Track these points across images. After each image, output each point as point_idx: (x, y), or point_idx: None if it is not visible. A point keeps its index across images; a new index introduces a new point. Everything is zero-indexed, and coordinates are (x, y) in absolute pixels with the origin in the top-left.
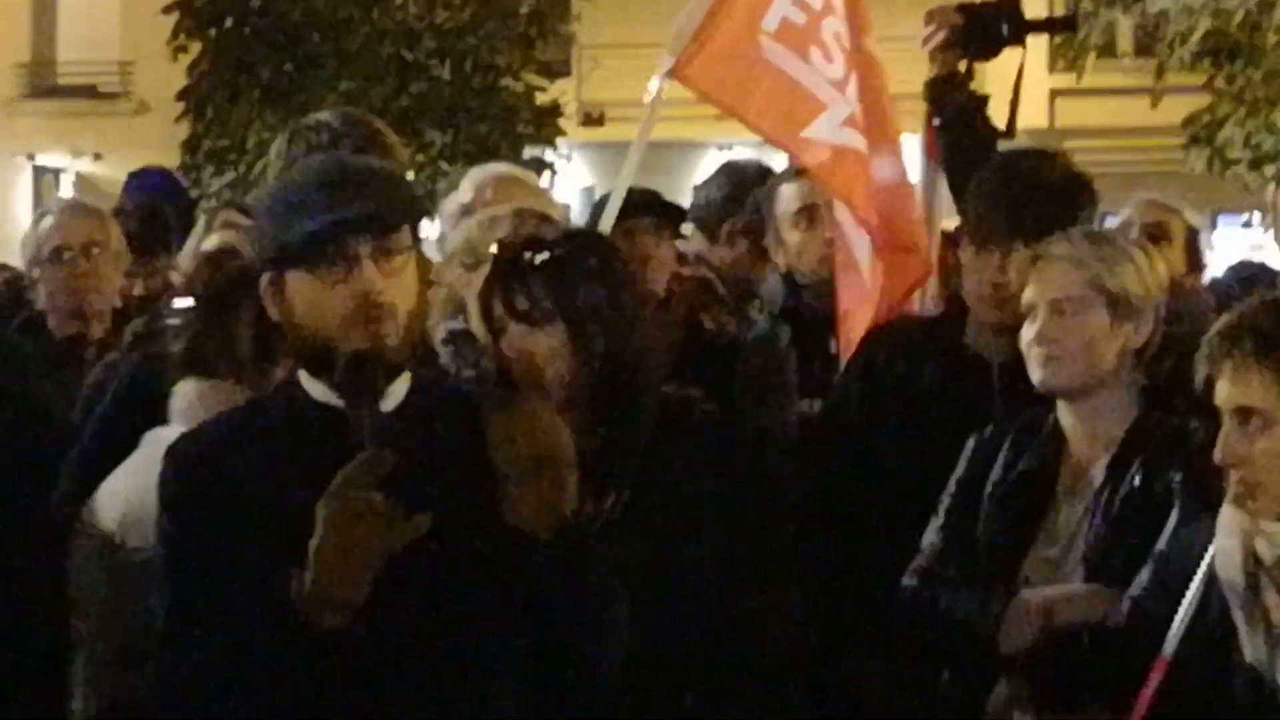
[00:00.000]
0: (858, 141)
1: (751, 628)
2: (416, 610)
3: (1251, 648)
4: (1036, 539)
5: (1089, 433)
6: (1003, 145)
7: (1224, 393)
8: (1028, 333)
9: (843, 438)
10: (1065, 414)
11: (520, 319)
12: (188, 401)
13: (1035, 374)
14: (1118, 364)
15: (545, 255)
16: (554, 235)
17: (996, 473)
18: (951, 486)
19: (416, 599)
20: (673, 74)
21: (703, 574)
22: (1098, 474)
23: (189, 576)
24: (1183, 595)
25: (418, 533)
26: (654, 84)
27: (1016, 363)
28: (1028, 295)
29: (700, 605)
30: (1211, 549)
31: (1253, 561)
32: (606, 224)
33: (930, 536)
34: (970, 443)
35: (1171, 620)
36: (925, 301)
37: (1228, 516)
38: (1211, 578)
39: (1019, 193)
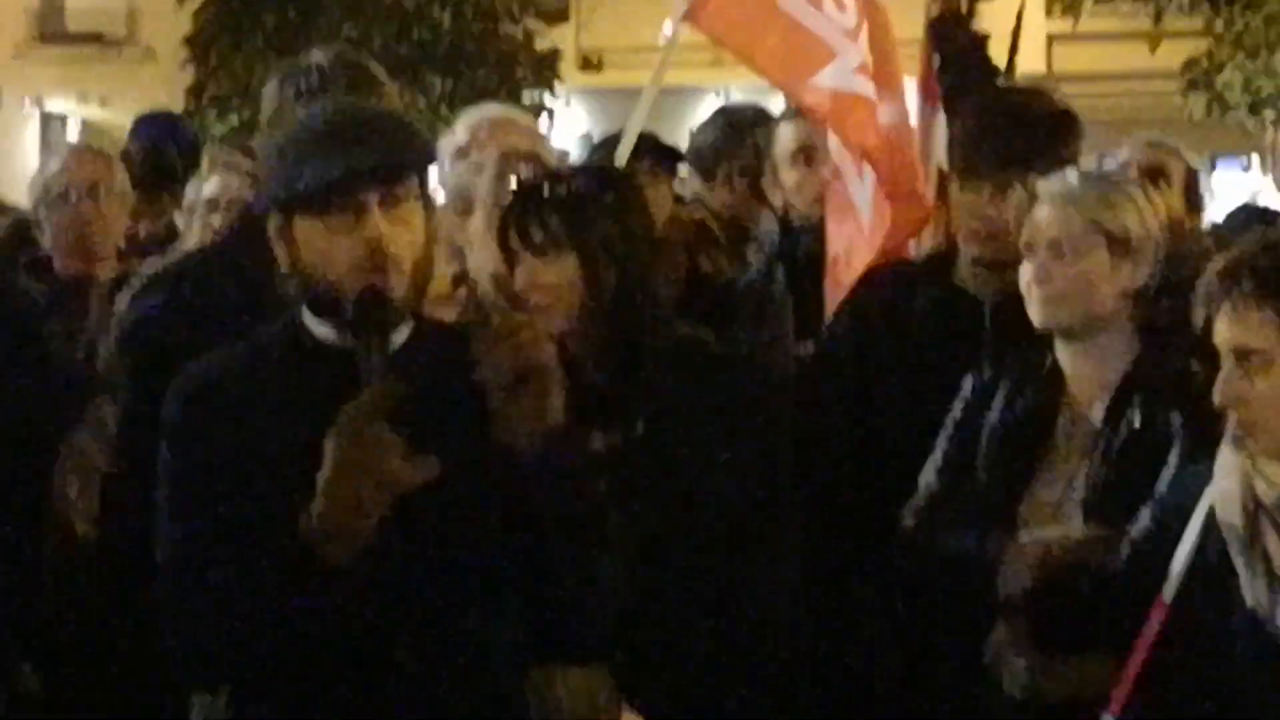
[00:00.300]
0: (867, 88)
1: (752, 564)
2: (419, 546)
3: (1251, 590)
4: (1035, 480)
5: (1088, 373)
6: None
7: (1223, 333)
8: (1026, 272)
9: (835, 377)
10: (1064, 354)
11: (534, 251)
12: None
13: (1034, 314)
14: (1117, 304)
15: (563, 189)
16: (573, 170)
17: (994, 414)
18: (949, 427)
19: (419, 534)
20: (687, 18)
21: (708, 508)
22: (1097, 415)
23: (193, 511)
24: (1182, 537)
25: (427, 476)
26: (668, 27)
27: (1008, 299)
28: (1026, 234)
29: (704, 538)
30: (1210, 491)
31: (1252, 503)
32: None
33: (927, 477)
34: (967, 383)
35: (1171, 562)
36: (922, 244)
37: (1226, 458)
38: (1210, 520)
39: (1006, 126)
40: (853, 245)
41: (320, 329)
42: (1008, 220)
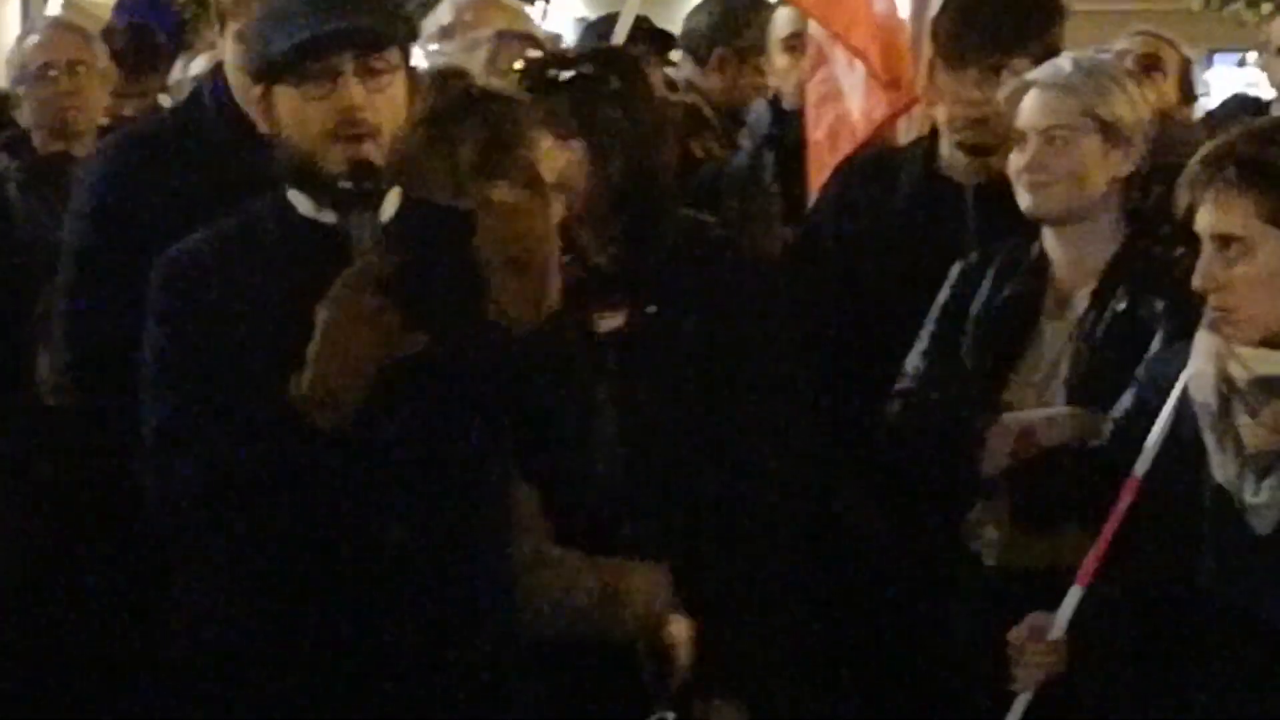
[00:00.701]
0: None
1: (763, 442)
2: (409, 414)
3: (1221, 468)
4: (1019, 364)
5: (1074, 260)
6: None
7: (1205, 219)
8: (1017, 160)
9: (819, 262)
10: (1051, 241)
11: None
12: None
13: (1024, 201)
14: (1106, 191)
15: (569, 71)
16: (579, 53)
17: (981, 299)
18: (935, 312)
19: (408, 403)
20: None
21: (718, 390)
22: (1082, 300)
23: (182, 383)
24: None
25: (414, 347)
26: None
27: (990, 185)
28: (1019, 123)
29: (714, 420)
30: (1186, 371)
31: (1225, 384)
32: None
33: (913, 361)
34: (954, 269)
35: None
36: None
37: (1203, 340)
38: (1185, 399)
39: (991, 10)
40: (838, 130)
41: (305, 204)
42: (993, 106)
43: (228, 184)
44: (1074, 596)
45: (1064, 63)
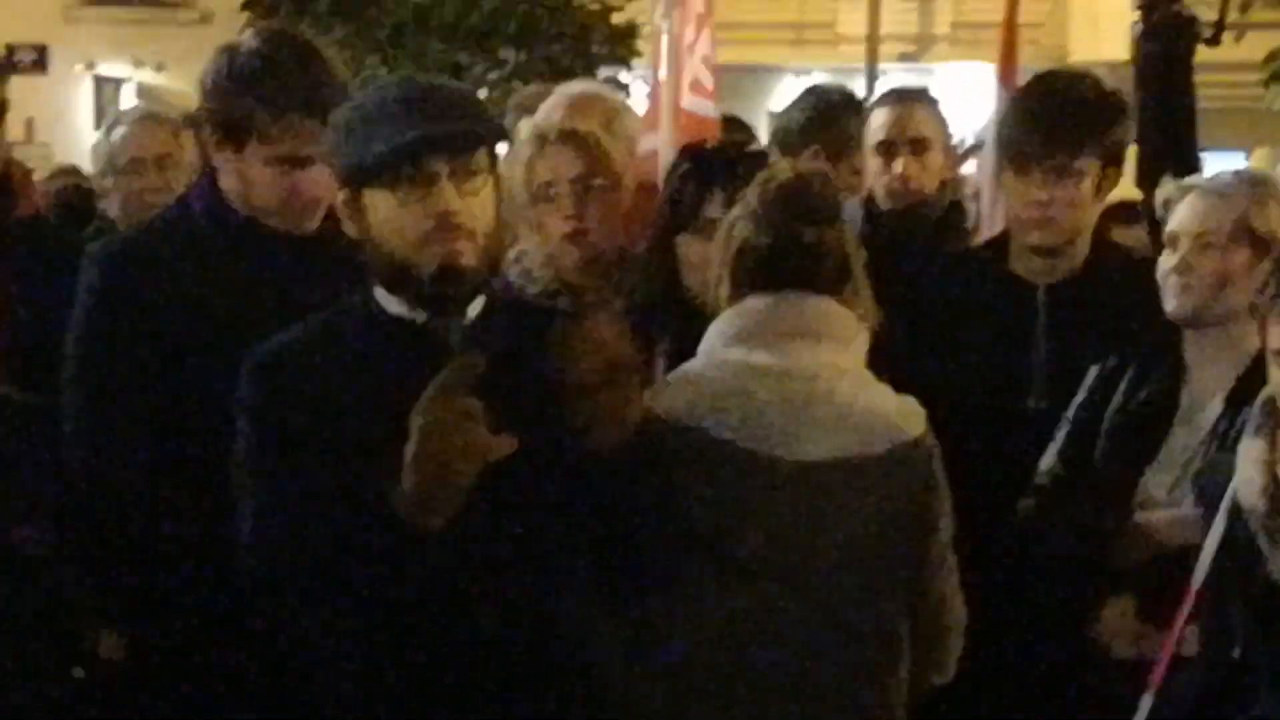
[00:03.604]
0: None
1: None
2: (500, 513)
3: (1276, 567)
4: (1152, 466)
5: (1212, 364)
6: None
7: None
8: (1167, 262)
9: (892, 360)
10: (1191, 344)
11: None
12: None
13: (1169, 303)
14: (1250, 300)
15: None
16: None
17: (1117, 400)
18: (1071, 412)
19: (496, 502)
20: None
21: None
22: (1216, 404)
23: (277, 481)
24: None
25: (508, 450)
26: None
27: (1061, 285)
28: (1172, 225)
29: None
30: (1235, 480)
31: (1273, 485)
32: None
33: (1048, 460)
34: (1091, 372)
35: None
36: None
37: (1247, 446)
38: (1237, 508)
39: (1054, 110)
40: None
41: (393, 304)
42: (1058, 206)
43: (222, 287)
44: (1146, 704)
45: (1227, 173)
